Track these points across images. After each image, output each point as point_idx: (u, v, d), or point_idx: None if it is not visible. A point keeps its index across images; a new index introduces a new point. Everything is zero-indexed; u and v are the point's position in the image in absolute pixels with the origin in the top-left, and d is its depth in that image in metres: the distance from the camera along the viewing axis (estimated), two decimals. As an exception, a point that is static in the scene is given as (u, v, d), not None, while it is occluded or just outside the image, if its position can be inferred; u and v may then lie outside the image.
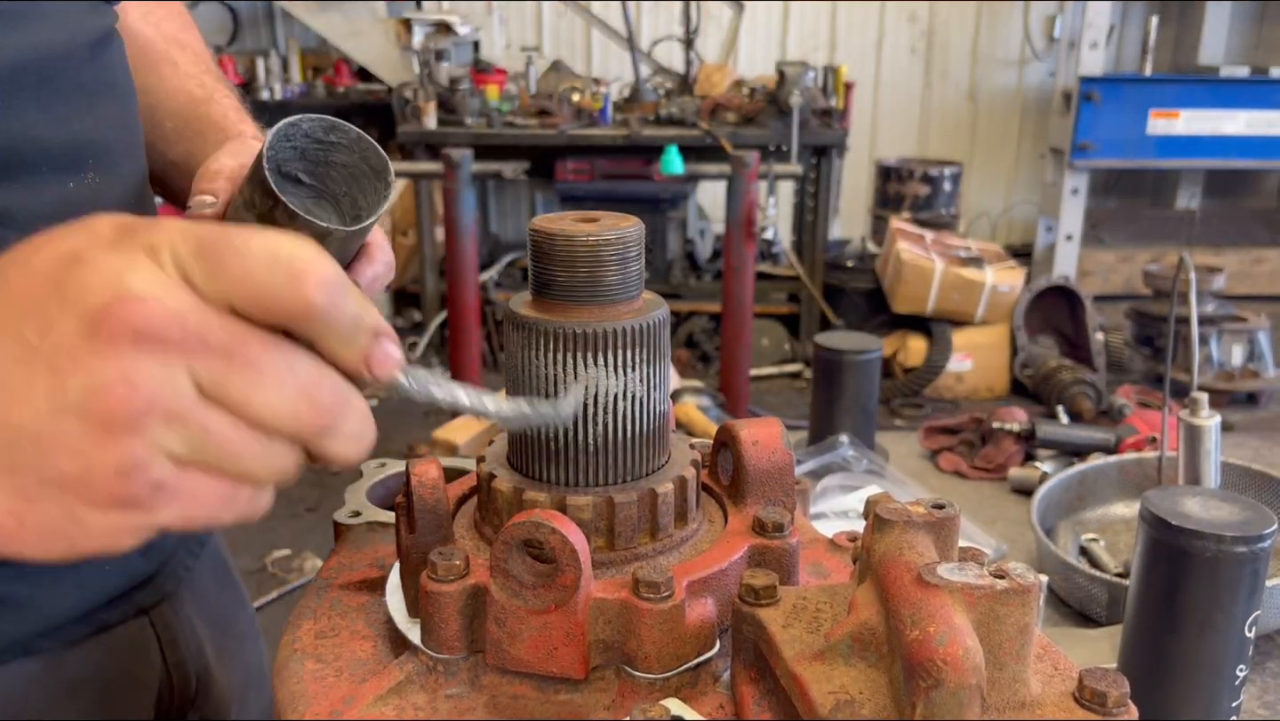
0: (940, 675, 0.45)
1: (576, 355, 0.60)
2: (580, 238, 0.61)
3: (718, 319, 4.88)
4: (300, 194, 0.66)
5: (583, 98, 5.39)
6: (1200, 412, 1.26)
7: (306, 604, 0.70)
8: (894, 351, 5.05)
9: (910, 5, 6.85)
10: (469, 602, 0.58)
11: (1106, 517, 1.63)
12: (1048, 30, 6.89)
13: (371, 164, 0.66)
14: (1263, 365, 4.46)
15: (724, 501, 0.69)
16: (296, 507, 4.04)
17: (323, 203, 0.68)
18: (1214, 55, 6.43)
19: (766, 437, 0.67)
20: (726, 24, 6.66)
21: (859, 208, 6.61)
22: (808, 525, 0.78)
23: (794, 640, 0.53)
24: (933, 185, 5.76)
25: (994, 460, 1.87)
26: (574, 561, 0.55)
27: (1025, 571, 0.50)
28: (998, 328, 4.99)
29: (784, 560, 0.63)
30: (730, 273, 4.22)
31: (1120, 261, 6.31)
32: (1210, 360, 4.45)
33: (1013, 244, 6.83)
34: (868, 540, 0.54)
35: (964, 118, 7.10)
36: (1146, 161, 5.88)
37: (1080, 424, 2.00)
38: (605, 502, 0.62)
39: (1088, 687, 0.49)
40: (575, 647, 0.57)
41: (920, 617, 0.47)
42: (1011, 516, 1.69)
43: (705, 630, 0.58)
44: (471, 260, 4.07)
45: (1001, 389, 4.99)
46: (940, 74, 7.01)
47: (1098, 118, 5.67)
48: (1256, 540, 0.95)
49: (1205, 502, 0.99)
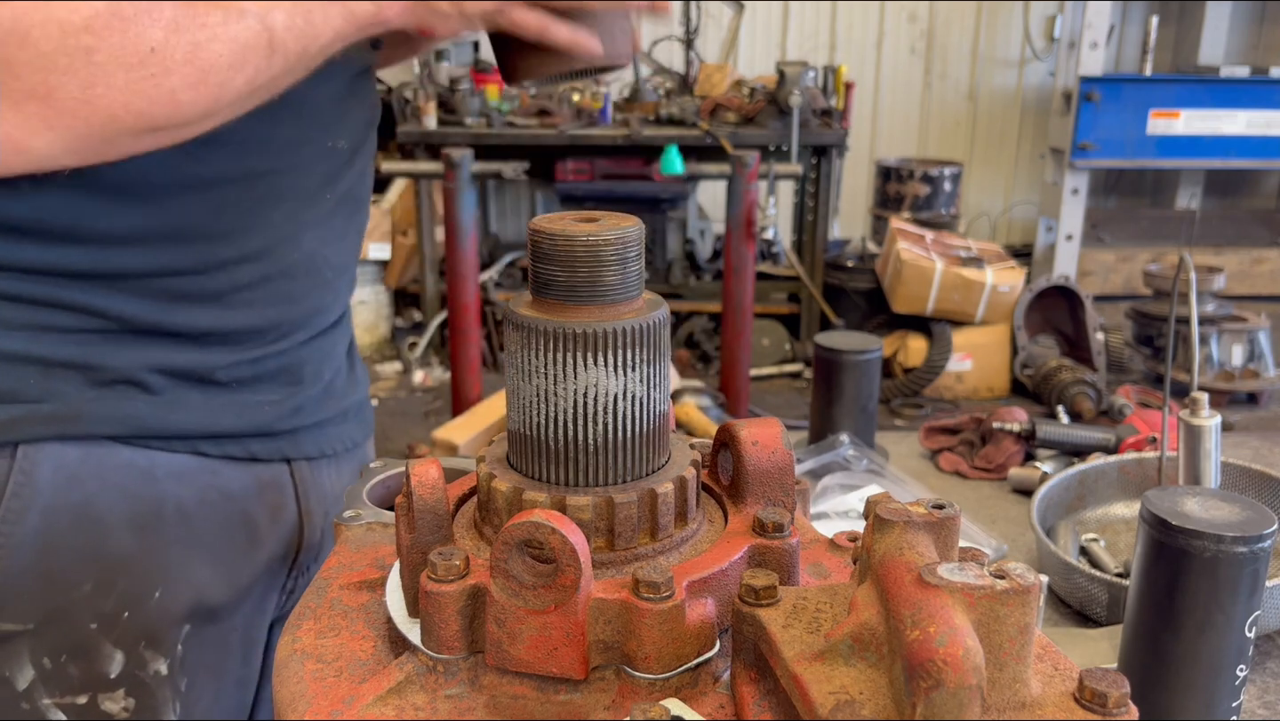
0: (941, 675, 0.45)
1: (576, 355, 0.60)
2: (580, 238, 0.61)
3: (718, 319, 4.88)
4: None
5: (583, 98, 5.39)
6: (1200, 413, 1.26)
7: (306, 604, 0.70)
8: (894, 351, 5.05)
9: (910, 5, 6.85)
10: (469, 603, 0.58)
11: (1107, 517, 1.63)
12: (1048, 30, 6.89)
13: None
14: (1263, 365, 4.46)
15: (724, 501, 0.69)
16: (296, 507, 4.03)
17: None
18: (1214, 55, 6.44)
19: (766, 438, 0.67)
20: (726, 24, 6.66)
21: (859, 208, 6.62)
22: (808, 525, 0.78)
23: (794, 640, 0.53)
24: (933, 185, 5.76)
25: (994, 460, 1.87)
26: (574, 561, 0.55)
27: (1025, 571, 0.50)
28: (998, 327, 4.99)
29: (784, 560, 0.63)
30: (730, 273, 4.22)
31: (1120, 261, 6.32)
32: (1210, 360, 4.46)
33: (1013, 244, 6.84)
34: (868, 540, 0.54)
35: (964, 118, 7.11)
36: (1146, 161, 5.88)
37: (1080, 424, 2.00)
38: (605, 503, 0.62)
39: (1088, 688, 0.49)
40: (575, 648, 0.57)
41: (920, 618, 0.47)
42: (1011, 516, 1.69)
43: (705, 630, 0.58)
44: (471, 260, 4.07)
45: (1001, 389, 5.00)
46: (940, 74, 7.01)
47: (1098, 118, 5.67)
48: (1256, 540, 0.95)
49: (1205, 502, 0.99)
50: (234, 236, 0.98)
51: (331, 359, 1.15)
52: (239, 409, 1.02)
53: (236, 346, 1.01)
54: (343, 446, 1.16)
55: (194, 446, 0.98)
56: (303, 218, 1.03)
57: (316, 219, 1.05)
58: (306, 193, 1.03)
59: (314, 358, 1.11)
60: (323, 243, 1.06)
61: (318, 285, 1.07)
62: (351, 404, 1.19)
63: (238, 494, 1.02)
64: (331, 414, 1.14)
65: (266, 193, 0.99)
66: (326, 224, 1.07)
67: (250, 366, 1.03)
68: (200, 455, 0.99)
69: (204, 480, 1.00)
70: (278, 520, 1.07)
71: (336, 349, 1.17)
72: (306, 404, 1.09)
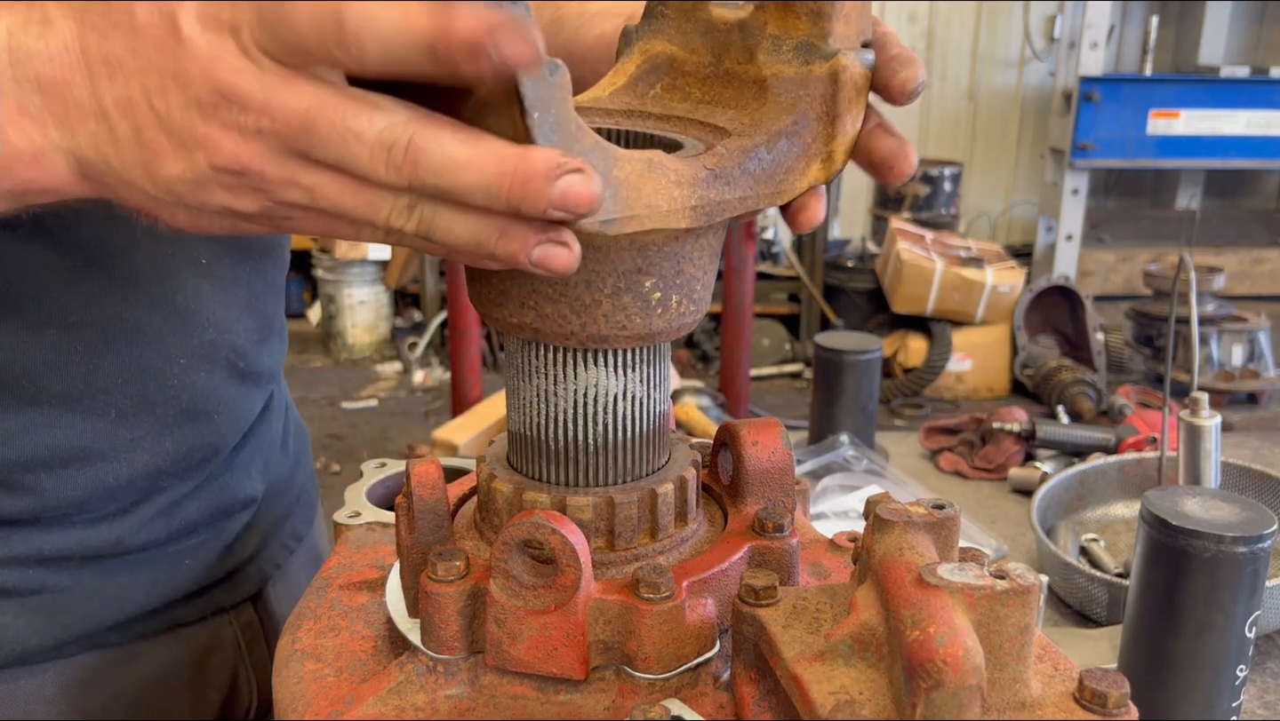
0: (941, 675, 0.45)
1: (576, 355, 0.60)
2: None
3: (718, 319, 4.88)
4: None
5: (583, 98, 5.38)
6: (1200, 413, 1.26)
7: (306, 604, 0.70)
8: (894, 351, 5.05)
9: (910, 5, 6.85)
10: (469, 603, 0.58)
11: (1107, 518, 1.63)
12: (1048, 30, 6.89)
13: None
14: (1263, 365, 4.46)
15: (724, 501, 0.69)
16: (296, 507, 4.04)
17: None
18: (1214, 55, 6.43)
19: (766, 438, 0.67)
20: (726, 24, 6.66)
21: (859, 208, 6.61)
22: (808, 525, 0.78)
23: (794, 640, 0.53)
24: (933, 185, 5.76)
25: (994, 460, 1.87)
26: (574, 561, 0.55)
27: (1025, 571, 0.50)
28: (998, 328, 4.99)
29: (784, 560, 0.63)
30: (730, 273, 4.22)
31: (1120, 261, 6.31)
32: (1210, 360, 4.46)
33: (1013, 244, 6.83)
34: (868, 540, 0.54)
35: (964, 118, 7.10)
36: (1146, 161, 5.88)
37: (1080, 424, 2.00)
38: (605, 503, 0.61)
39: (1088, 688, 0.49)
40: (575, 648, 0.56)
41: (921, 618, 0.47)
42: (1012, 516, 1.69)
43: (705, 630, 0.58)
44: (471, 260, 4.05)
45: (1001, 389, 5.00)
46: (940, 74, 7.01)
47: (1098, 118, 5.67)
48: (1256, 540, 0.95)
49: (1205, 502, 0.99)
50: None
51: (269, 450, 0.94)
52: (152, 578, 0.82)
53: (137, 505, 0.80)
54: (287, 553, 0.98)
55: (92, 641, 0.80)
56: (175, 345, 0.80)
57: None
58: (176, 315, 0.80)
59: (241, 470, 0.89)
60: (220, 329, 0.83)
61: (232, 381, 0.85)
62: (295, 488, 1.00)
63: (149, 679, 0.83)
64: (274, 518, 0.95)
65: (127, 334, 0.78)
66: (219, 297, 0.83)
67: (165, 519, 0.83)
68: (99, 649, 0.80)
69: (108, 685, 0.80)
70: (218, 686, 0.89)
71: (271, 432, 0.95)
72: (244, 528, 0.90)
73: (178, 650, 0.85)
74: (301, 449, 1.04)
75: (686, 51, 0.64)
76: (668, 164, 0.52)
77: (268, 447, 0.94)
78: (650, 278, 0.56)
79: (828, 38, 0.58)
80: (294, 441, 1.02)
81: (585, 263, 0.53)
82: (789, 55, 0.59)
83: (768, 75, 0.59)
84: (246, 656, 0.91)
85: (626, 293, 0.56)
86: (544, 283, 0.56)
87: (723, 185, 0.54)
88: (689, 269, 0.58)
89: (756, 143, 0.56)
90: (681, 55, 0.65)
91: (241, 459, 0.89)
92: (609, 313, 0.56)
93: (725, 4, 0.63)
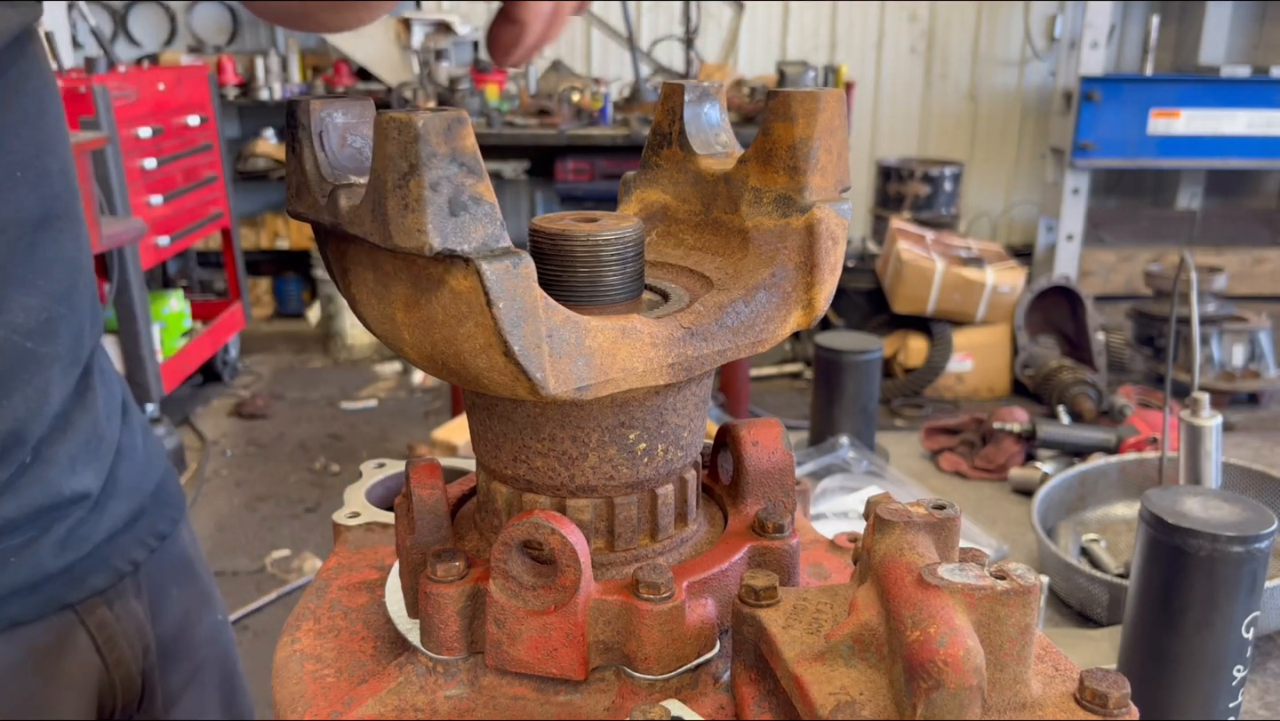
0: (941, 676, 0.45)
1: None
2: (580, 237, 0.61)
3: (718, 319, 4.87)
4: None
5: (582, 97, 5.38)
6: (1201, 413, 1.26)
7: (306, 604, 0.70)
8: (894, 351, 5.04)
9: (910, 5, 6.85)
10: (468, 603, 0.58)
11: (1107, 518, 1.63)
12: (1048, 30, 6.89)
13: None
14: (1264, 365, 4.46)
15: (724, 502, 0.69)
16: (296, 508, 4.04)
17: None
18: (1215, 55, 6.43)
19: (766, 438, 0.67)
20: (726, 24, 6.66)
21: (859, 208, 6.61)
22: (808, 526, 0.78)
23: (794, 641, 0.53)
24: (933, 185, 5.76)
25: (995, 460, 1.87)
26: (574, 562, 0.55)
27: (1026, 572, 0.50)
28: (998, 328, 4.99)
29: (784, 561, 0.63)
30: (730, 272, 4.21)
31: (1121, 261, 6.31)
32: (1211, 360, 4.45)
33: (1013, 244, 6.83)
34: (868, 541, 0.54)
35: (964, 118, 7.10)
36: (1147, 161, 5.87)
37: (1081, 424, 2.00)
38: (605, 503, 0.61)
39: (1089, 688, 0.49)
40: (575, 648, 0.56)
41: (921, 618, 0.47)
42: (1012, 517, 1.69)
43: (705, 631, 0.58)
44: (472, 260, 4.05)
45: (1002, 389, 4.99)
46: (940, 74, 7.00)
47: (1098, 118, 5.67)
48: (1254, 540, 0.95)
49: (1205, 503, 0.99)
50: None
51: (96, 444, 0.87)
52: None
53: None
54: (146, 551, 0.93)
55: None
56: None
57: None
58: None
59: (62, 465, 0.83)
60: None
61: (19, 362, 0.78)
62: (149, 484, 0.95)
63: (4, 673, 0.80)
64: (124, 516, 0.90)
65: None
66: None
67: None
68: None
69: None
70: (71, 685, 0.86)
71: (98, 425, 0.88)
72: (79, 524, 0.84)
73: (19, 650, 0.82)
74: (153, 447, 0.98)
75: (679, 200, 0.68)
76: (641, 328, 0.55)
77: (94, 441, 0.88)
78: (634, 430, 0.59)
79: (804, 191, 0.60)
80: (142, 438, 0.97)
81: (570, 419, 0.57)
82: (769, 208, 0.62)
83: (750, 226, 0.62)
84: (105, 657, 0.88)
85: (612, 445, 0.59)
86: (533, 437, 0.59)
87: (700, 341, 0.57)
88: (673, 419, 0.60)
89: (734, 297, 0.59)
90: (674, 204, 0.68)
91: (60, 453, 0.83)
92: (596, 465, 0.59)
93: (714, 157, 0.67)
